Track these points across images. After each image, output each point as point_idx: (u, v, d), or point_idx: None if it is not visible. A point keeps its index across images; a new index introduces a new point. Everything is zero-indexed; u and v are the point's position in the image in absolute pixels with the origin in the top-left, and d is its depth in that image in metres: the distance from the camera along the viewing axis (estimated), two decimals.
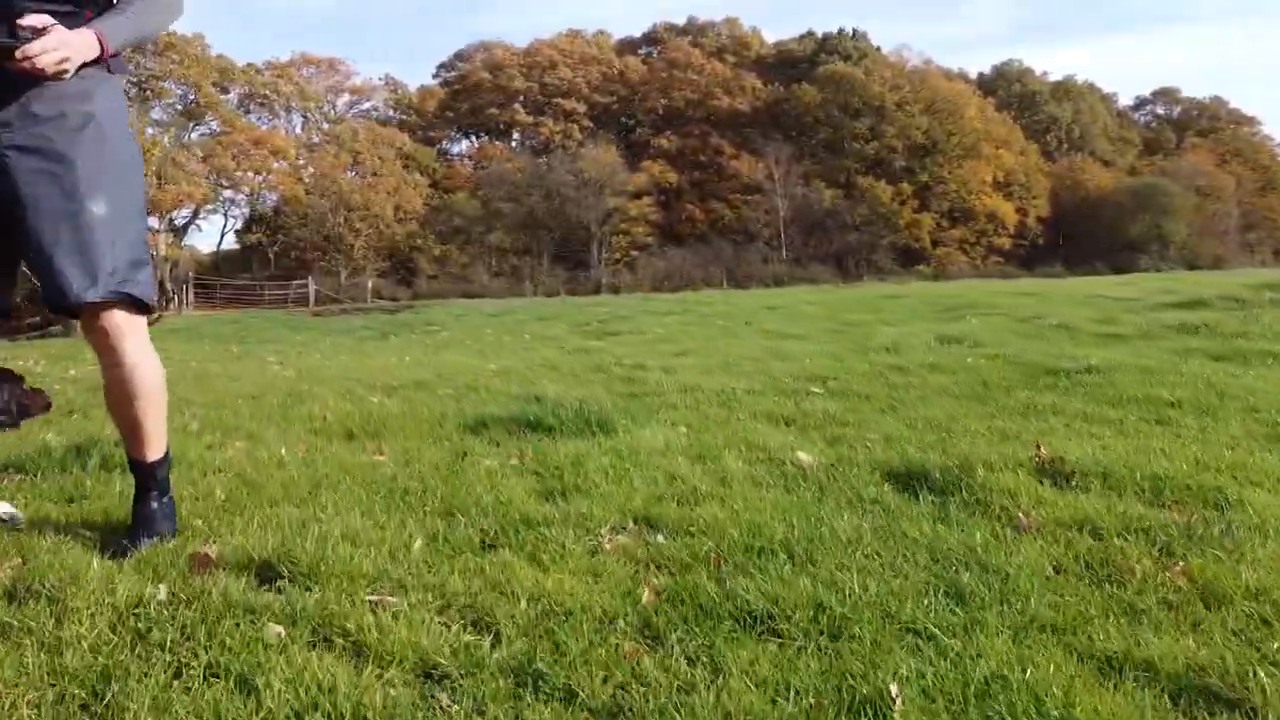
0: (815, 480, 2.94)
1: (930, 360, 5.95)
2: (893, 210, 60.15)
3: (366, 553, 2.22)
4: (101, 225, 2.18)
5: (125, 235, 2.25)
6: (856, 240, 58.97)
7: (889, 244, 59.94)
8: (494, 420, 4.10)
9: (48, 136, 2.14)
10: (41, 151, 2.13)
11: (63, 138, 2.16)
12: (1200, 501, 2.52)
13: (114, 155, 2.26)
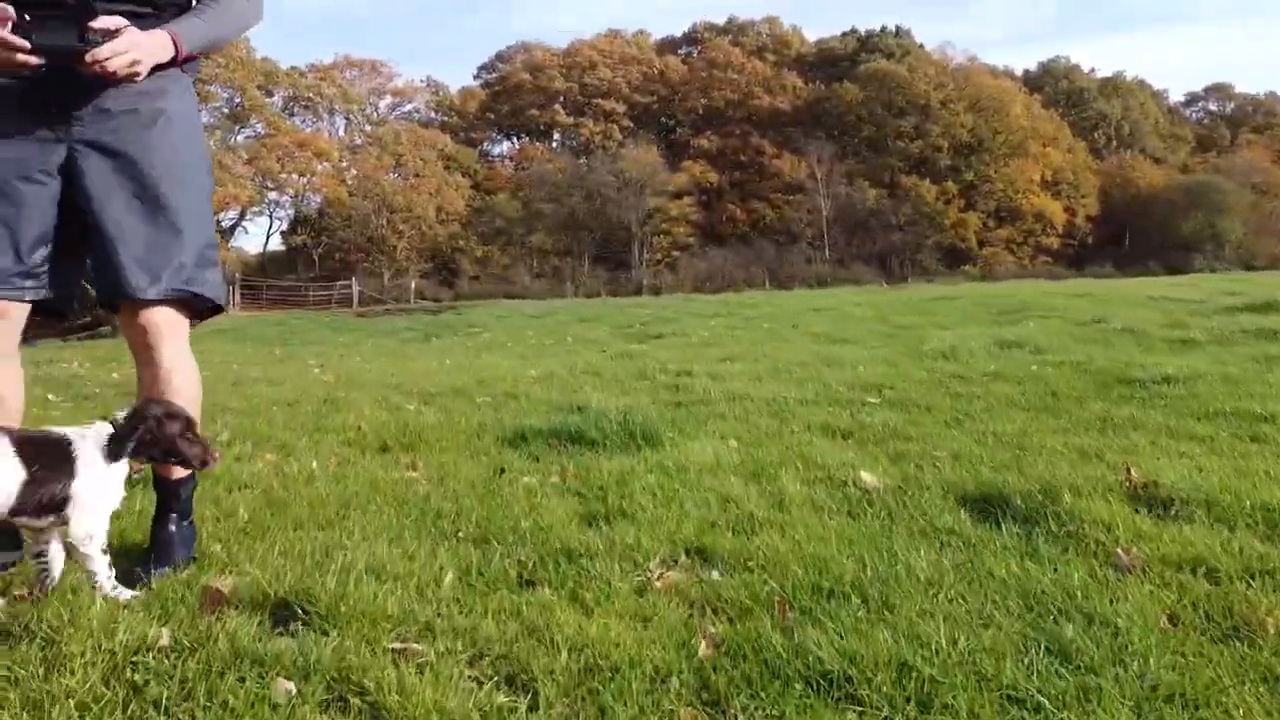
0: (883, 505, 2.69)
1: (992, 368, 5.65)
2: (937, 210, 59.17)
3: (393, 589, 2.02)
4: (171, 222, 2.17)
5: (191, 234, 2.22)
6: (901, 240, 58.13)
7: (934, 244, 59.00)
8: (534, 433, 3.89)
9: (118, 132, 2.12)
10: (111, 146, 2.11)
11: (133, 133, 2.13)
12: None
13: (184, 153, 2.24)
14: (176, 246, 2.18)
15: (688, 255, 55.97)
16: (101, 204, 2.11)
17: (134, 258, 2.13)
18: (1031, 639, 1.73)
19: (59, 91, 2.06)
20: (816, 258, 57.01)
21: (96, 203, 2.11)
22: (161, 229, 2.16)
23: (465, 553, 2.31)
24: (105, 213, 2.12)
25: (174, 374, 2.23)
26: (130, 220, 2.13)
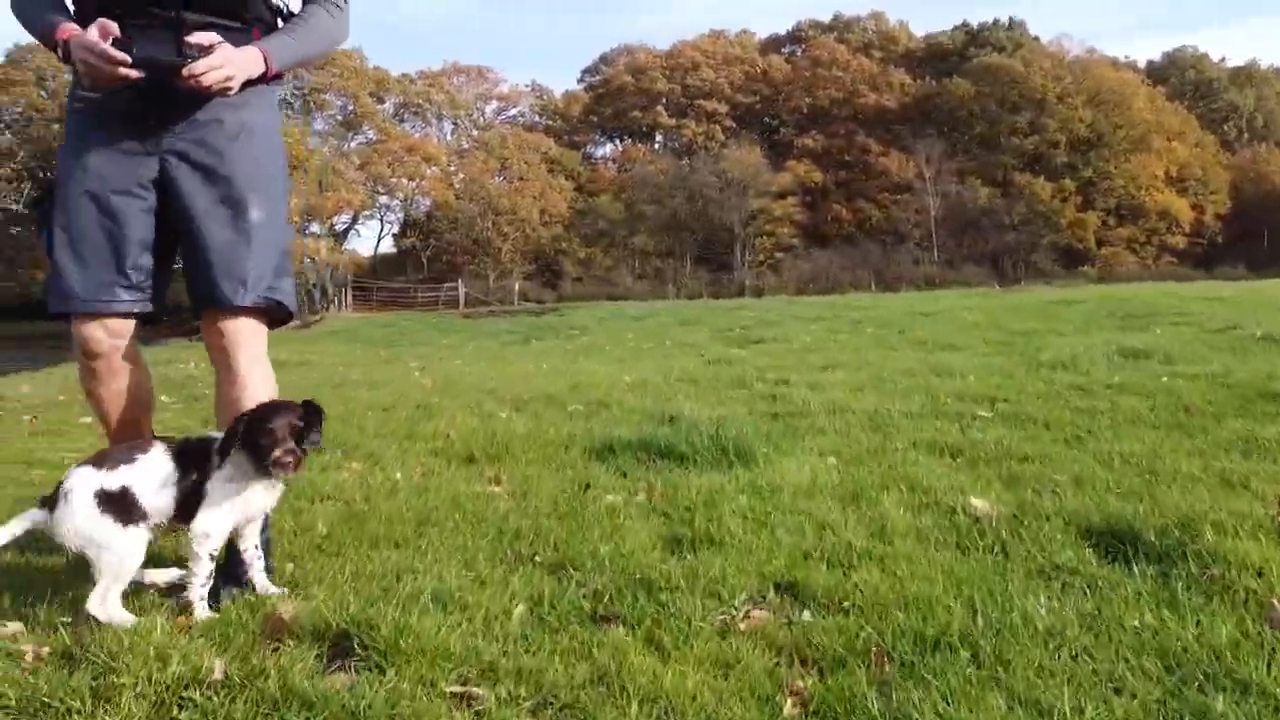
0: (995, 537, 2.45)
1: (1116, 379, 5.26)
2: (1053, 208, 56.82)
3: (459, 621, 1.90)
4: (254, 232, 2.20)
5: (274, 243, 2.26)
6: (1014, 240, 56.07)
7: (1049, 244, 56.72)
8: (622, 445, 3.75)
9: (205, 142, 2.16)
10: (199, 158, 2.16)
11: (219, 144, 2.17)
12: None
13: (265, 165, 2.27)
14: (260, 256, 2.21)
15: (791, 256, 55.26)
16: (193, 215, 2.15)
17: (224, 267, 2.16)
18: (1173, 711, 1.50)
19: (153, 105, 2.09)
20: (924, 259, 55.55)
21: (188, 214, 2.15)
22: (246, 239, 2.19)
23: (539, 580, 2.18)
24: (197, 224, 2.16)
25: (252, 380, 2.23)
26: (219, 231, 2.17)
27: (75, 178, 2.13)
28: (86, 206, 2.12)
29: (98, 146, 2.13)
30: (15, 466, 4.08)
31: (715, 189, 53.85)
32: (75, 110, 2.19)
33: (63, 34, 2.03)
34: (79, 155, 2.14)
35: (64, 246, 2.12)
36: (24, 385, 9.07)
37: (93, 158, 2.13)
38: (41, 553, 2.52)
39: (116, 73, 1.96)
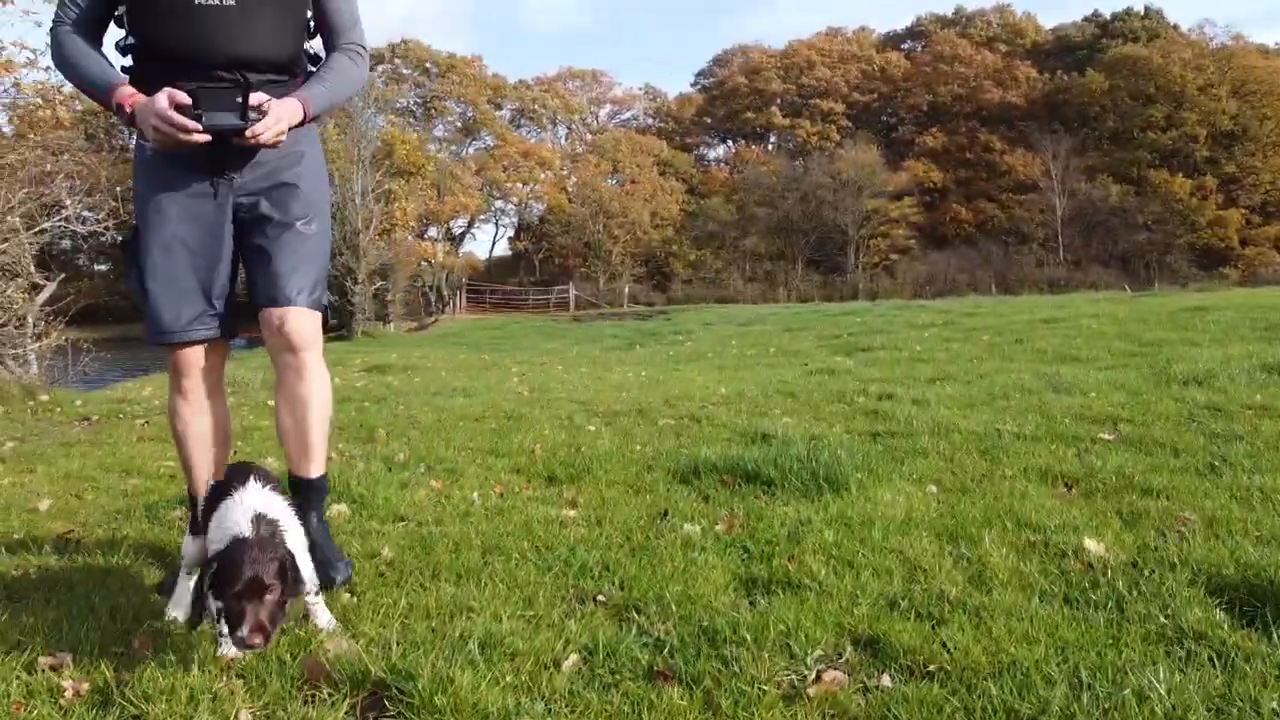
0: (1110, 589, 2.18)
1: (1258, 398, 4.79)
2: (1191, 206, 53.69)
3: (505, 672, 1.77)
4: (309, 248, 2.47)
5: (322, 257, 2.54)
6: (1146, 240, 53.29)
7: (1185, 244, 53.64)
8: (708, 467, 3.58)
9: (267, 179, 2.42)
10: (263, 192, 2.41)
11: (278, 179, 2.44)
12: None
13: (315, 193, 2.53)
14: (314, 267, 2.48)
15: (907, 258, 53.91)
16: (259, 238, 2.43)
17: (287, 277, 2.41)
18: None
19: (224, 156, 2.33)
20: (1049, 260, 53.40)
21: (255, 237, 2.43)
22: (303, 254, 2.45)
23: (597, 625, 2.04)
24: (262, 244, 2.42)
25: (312, 380, 2.43)
26: (282, 249, 2.42)
27: (155, 220, 2.35)
28: (168, 246, 2.34)
29: (171, 190, 2.35)
30: (115, 474, 4.18)
31: (829, 190, 52.93)
32: (144, 159, 2.38)
33: (125, 100, 2.22)
34: (155, 198, 2.35)
35: (152, 283, 2.34)
36: (147, 388, 9.47)
37: (168, 200, 2.35)
38: (106, 580, 2.51)
39: (187, 139, 2.15)
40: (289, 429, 2.46)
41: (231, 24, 2.27)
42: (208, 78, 2.25)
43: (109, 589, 2.39)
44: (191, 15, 2.23)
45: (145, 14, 2.27)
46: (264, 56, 2.35)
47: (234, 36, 2.28)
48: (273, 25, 2.34)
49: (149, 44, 2.31)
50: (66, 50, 2.32)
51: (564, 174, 57.71)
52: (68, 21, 2.33)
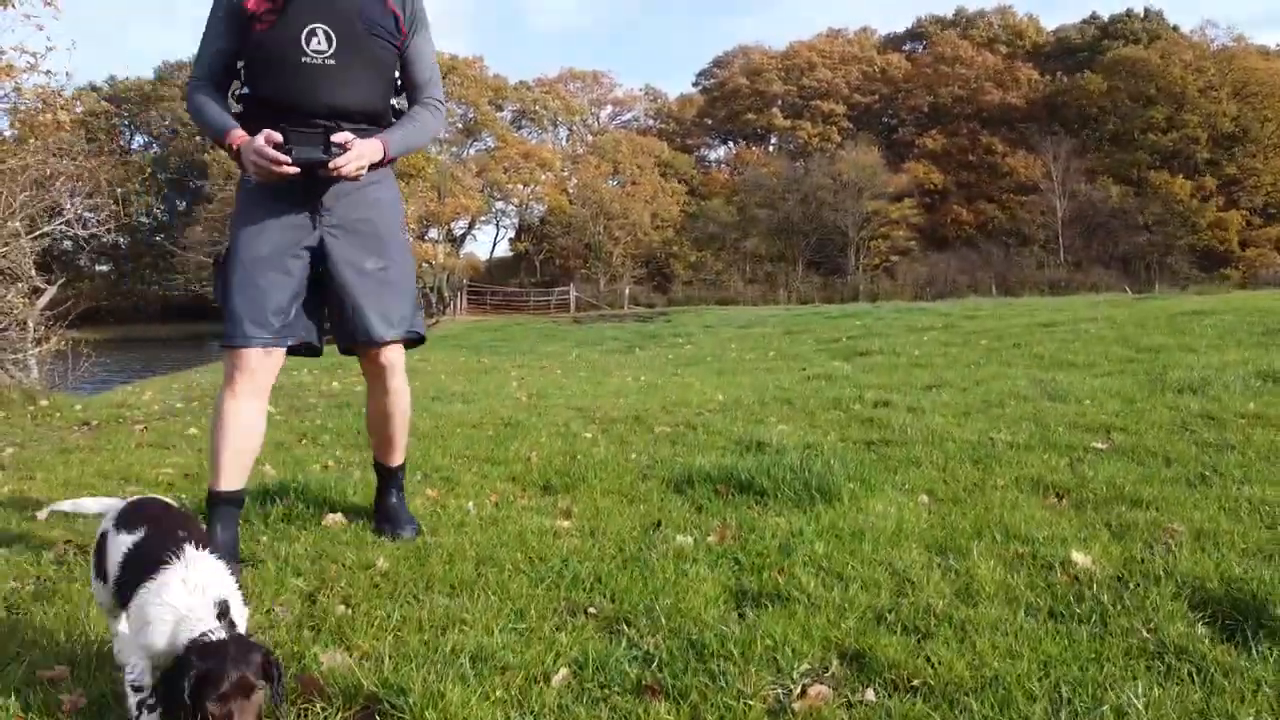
0: (1095, 602, 2.21)
1: (1251, 406, 4.82)
2: (1192, 208, 53.67)
3: (494, 686, 1.80)
4: (394, 282, 2.90)
5: (407, 288, 2.97)
6: (1147, 242, 53.29)
7: (1186, 245, 53.62)
8: (702, 476, 3.61)
9: (348, 215, 2.82)
10: (349, 227, 2.82)
11: (359, 215, 2.84)
12: None
13: (394, 227, 2.95)
14: (401, 300, 2.92)
15: (908, 260, 53.92)
16: (345, 273, 2.81)
17: (376, 312, 2.84)
18: None
19: (306, 188, 2.73)
20: (1049, 262, 53.41)
21: (340, 273, 2.81)
22: (390, 289, 2.88)
23: (588, 639, 2.07)
24: (347, 280, 2.81)
25: (399, 396, 3.05)
26: (368, 285, 2.84)
27: (245, 244, 2.75)
28: (252, 266, 2.74)
29: (263, 219, 2.76)
30: (114, 481, 4.21)
31: (829, 191, 52.95)
32: (246, 190, 2.82)
33: (234, 140, 2.68)
34: (248, 226, 2.77)
35: (236, 296, 2.73)
36: (146, 392, 9.49)
37: (259, 229, 2.76)
38: None
39: (279, 171, 2.59)
40: (378, 431, 3.13)
41: (331, 79, 2.72)
42: (307, 124, 2.67)
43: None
44: (298, 72, 2.69)
45: (260, 70, 2.74)
46: (358, 108, 2.79)
47: (332, 90, 2.72)
48: (365, 81, 2.79)
49: (261, 95, 2.76)
50: (197, 101, 2.78)
51: (565, 175, 57.77)
52: (201, 77, 2.81)
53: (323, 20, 2.70)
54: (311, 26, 2.69)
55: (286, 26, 2.68)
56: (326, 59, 2.70)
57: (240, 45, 2.76)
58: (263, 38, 2.70)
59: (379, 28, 2.80)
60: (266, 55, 2.71)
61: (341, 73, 2.73)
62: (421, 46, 2.95)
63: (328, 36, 2.70)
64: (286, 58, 2.68)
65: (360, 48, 2.76)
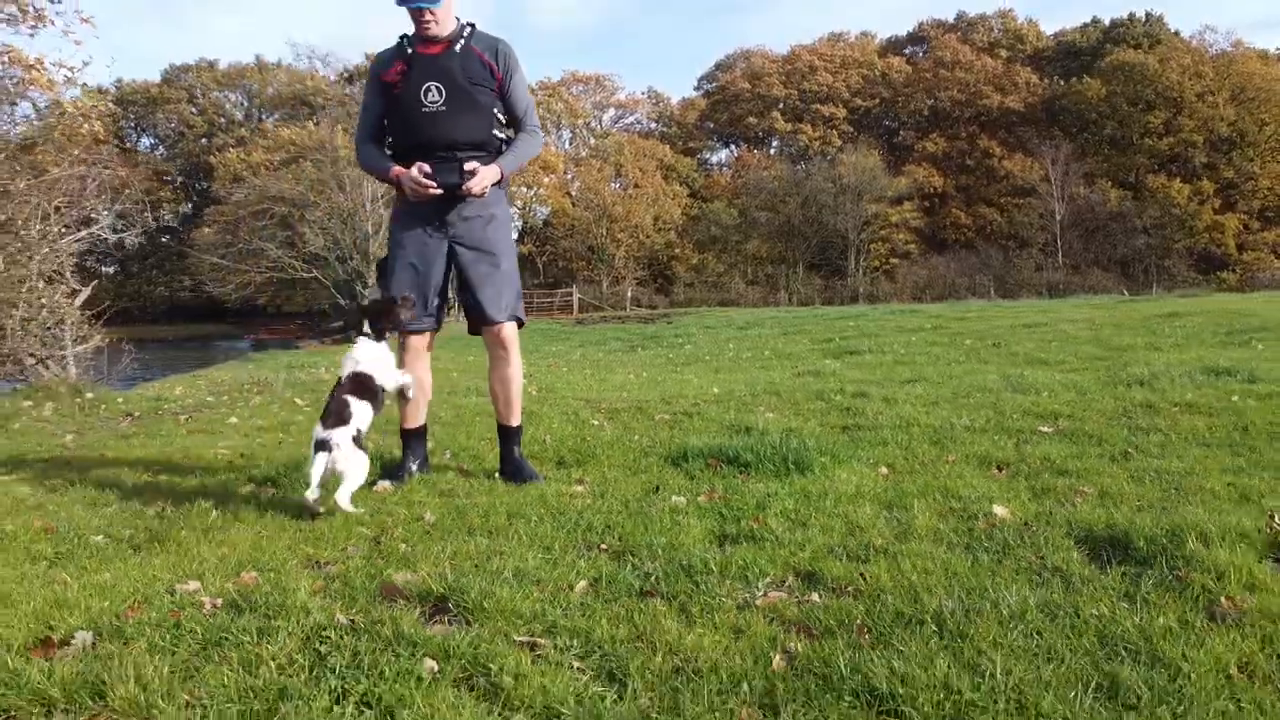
0: (1001, 540, 2.80)
1: (1188, 397, 5.40)
2: (1189, 211, 54.14)
3: (530, 592, 2.39)
4: (504, 278, 3.94)
5: (514, 284, 4.01)
6: (1145, 245, 53.72)
7: (1184, 248, 54.09)
8: (695, 453, 4.20)
9: (472, 229, 3.85)
10: (470, 239, 3.85)
11: (480, 229, 3.87)
12: None
13: (506, 237, 3.99)
14: (509, 292, 3.96)
15: (907, 262, 54.42)
16: (470, 273, 3.86)
17: (491, 301, 3.89)
18: (1087, 676, 1.86)
19: (442, 207, 3.78)
20: (1048, 264, 53.88)
21: (468, 273, 3.86)
22: (501, 283, 3.92)
23: (601, 564, 2.66)
24: (473, 278, 3.86)
25: (515, 365, 4.07)
26: (486, 281, 3.88)
27: (401, 253, 3.86)
28: (408, 270, 3.83)
29: (412, 232, 3.85)
30: (176, 461, 4.80)
31: (829, 195, 53.47)
32: (399, 210, 3.93)
33: (394, 173, 3.78)
34: (402, 238, 3.88)
35: (396, 292, 3.77)
36: (177, 388, 10.08)
37: (410, 239, 3.85)
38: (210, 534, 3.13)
39: (428, 192, 3.67)
40: (499, 395, 4.06)
41: (444, 122, 3.72)
42: (432, 156, 3.69)
43: (212, 541, 3.00)
44: (420, 118, 3.73)
45: (397, 121, 3.81)
46: (466, 140, 3.76)
47: (446, 130, 3.72)
48: (471, 121, 3.76)
49: (399, 139, 3.83)
50: (364, 151, 3.96)
51: (568, 178, 58.25)
52: (364, 135, 3.94)
53: (434, 79, 3.71)
54: (427, 84, 3.70)
55: (410, 86, 3.72)
56: (439, 107, 3.70)
57: (384, 106, 3.83)
58: (397, 97, 3.76)
59: (478, 78, 3.76)
60: (399, 109, 3.76)
61: (451, 116, 3.72)
62: (516, 88, 3.88)
63: (439, 90, 3.70)
64: (412, 109, 3.72)
65: (463, 96, 3.72)
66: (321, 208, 26.75)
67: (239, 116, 68.42)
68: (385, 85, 3.80)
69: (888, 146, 62.49)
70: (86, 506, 3.70)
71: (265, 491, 3.77)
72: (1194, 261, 54.01)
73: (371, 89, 3.89)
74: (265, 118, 66.40)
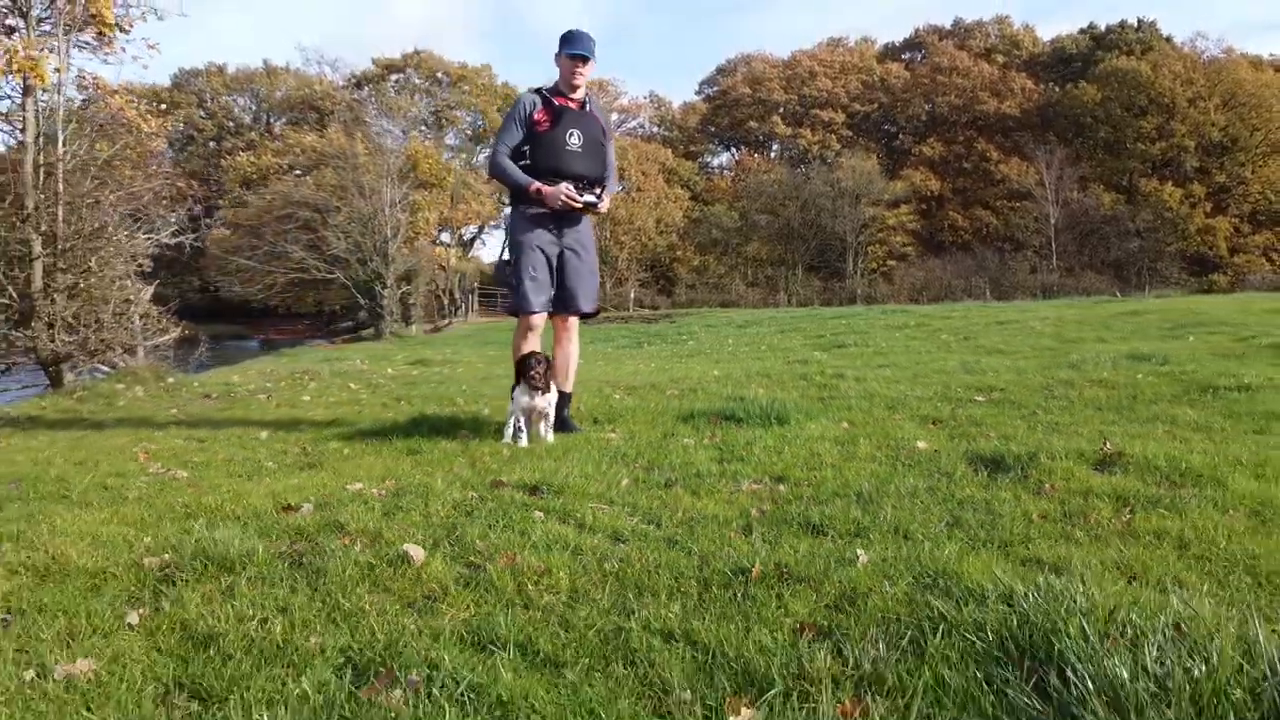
0: (915, 459, 3.99)
1: (1104, 376, 6.58)
2: (1181, 215, 55.23)
3: (592, 484, 3.58)
4: (594, 280, 5.24)
5: (597, 282, 5.28)
6: (1138, 248, 54.74)
7: (1176, 251, 55.17)
8: (700, 413, 5.39)
9: (575, 237, 5.12)
10: (575, 247, 5.12)
11: (583, 238, 5.17)
12: (1192, 482, 3.35)
13: (594, 242, 5.29)
14: (594, 289, 5.25)
15: (905, 264, 55.49)
16: (572, 271, 5.10)
17: (586, 296, 5.19)
18: (940, 517, 3.04)
19: (559, 220, 5.05)
20: (1043, 267, 54.92)
21: (568, 271, 5.09)
22: (592, 284, 5.22)
23: (637, 472, 3.85)
24: (573, 275, 5.10)
25: (575, 346, 5.36)
26: (584, 281, 5.16)
27: (525, 252, 4.99)
28: (532, 265, 4.98)
29: (533, 236, 5.01)
30: (287, 421, 5.99)
31: (828, 198, 54.60)
32: (521, 222, 5.04)
33: (536, 187, 4.92)
34: (527, 239, 5.01)
35: (525, 283, 4.98)
36: (234, 376, 11.29)
37: (531, 241, 5.01)
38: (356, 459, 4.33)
39: (574, 205, 4.92)
40: (560, 367, 5.20)
41: (580, 160, 5.06)
42: (583, 182, 4.98)
43: (354, 465, 4.20)
44: (563, 154, 5.02)
45: (541, 152, 5.01)
46: (590, 174, 5.08)
47: (580, 166, 5.05)
48: (594, 160, 5.13)
49: (540, 165, 5.00)
50: (505, 165, 5.03)
51: None
52: (504, 152, 5.05)
53: (576, 128, 5.07)
54: (571, 130, 5.06)
55: (558, 130, 5.03)
56: (577, 148, 5.06)
57: (526, 136, 5.05)
58: (543, 135, 5.02)
59: (601, 134, 5.21)
60: (546, 144, 5.01)
61: (585, 157, 5.10)
62: (612, 146, 5.40)
63: (579, 136, 5.07)
64: (558, 146, 5.02)
65: (594, 144, 5.14)
66: (343, 213, 28.05)
67: (247, 120, 69.57)
68: (532, 123, 5.04)
69: (886, 150, 63.65)
70: (237, 448, 4.90)
71: (371, 438, 4.97)
72: (1186, 264, 54.96)
73: (516, 121, 5.08)
74: (274, 121, 67.51)
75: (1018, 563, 2.58)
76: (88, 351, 8.98)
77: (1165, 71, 58.49)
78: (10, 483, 4.11)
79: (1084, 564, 2.48)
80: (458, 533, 2.93)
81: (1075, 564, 2.48)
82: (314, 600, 2.33)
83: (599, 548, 2.77)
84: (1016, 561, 2.59)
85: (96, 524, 3.14)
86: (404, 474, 3.91)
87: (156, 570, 2.58)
